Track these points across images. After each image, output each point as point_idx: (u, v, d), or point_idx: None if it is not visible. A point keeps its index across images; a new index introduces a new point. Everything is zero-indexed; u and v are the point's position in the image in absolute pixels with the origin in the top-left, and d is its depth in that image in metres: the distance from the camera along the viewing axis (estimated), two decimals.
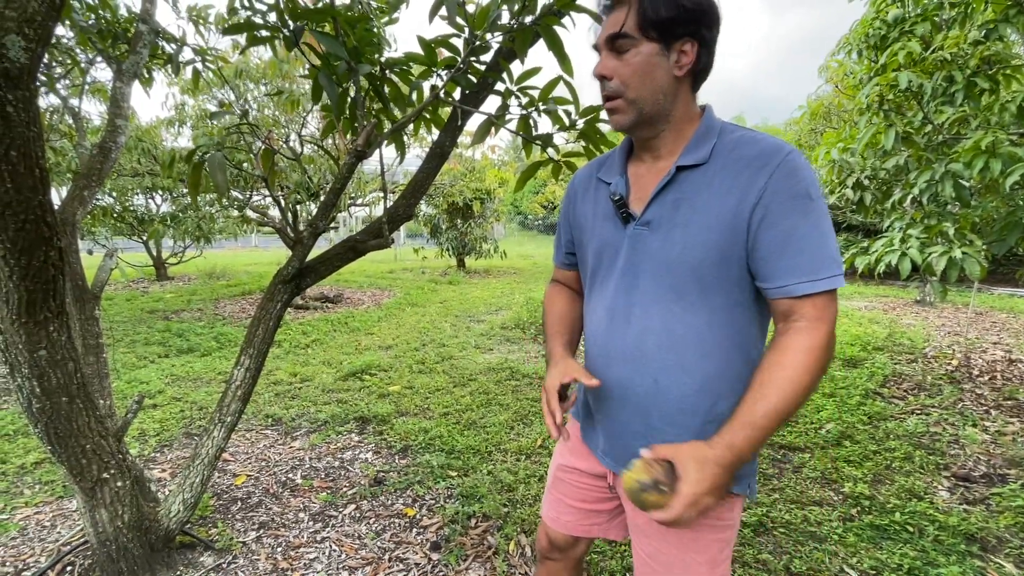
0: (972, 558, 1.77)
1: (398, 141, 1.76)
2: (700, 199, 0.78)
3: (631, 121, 0.82)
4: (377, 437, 2.77)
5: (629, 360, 0.85)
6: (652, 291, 0.82)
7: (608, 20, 0.81)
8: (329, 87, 1.34)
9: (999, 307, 6.92)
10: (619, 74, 0.80)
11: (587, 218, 0.94)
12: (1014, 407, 3.15)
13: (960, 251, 2.76)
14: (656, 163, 0.85)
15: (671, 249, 0.80)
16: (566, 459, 1.07)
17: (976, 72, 3.01)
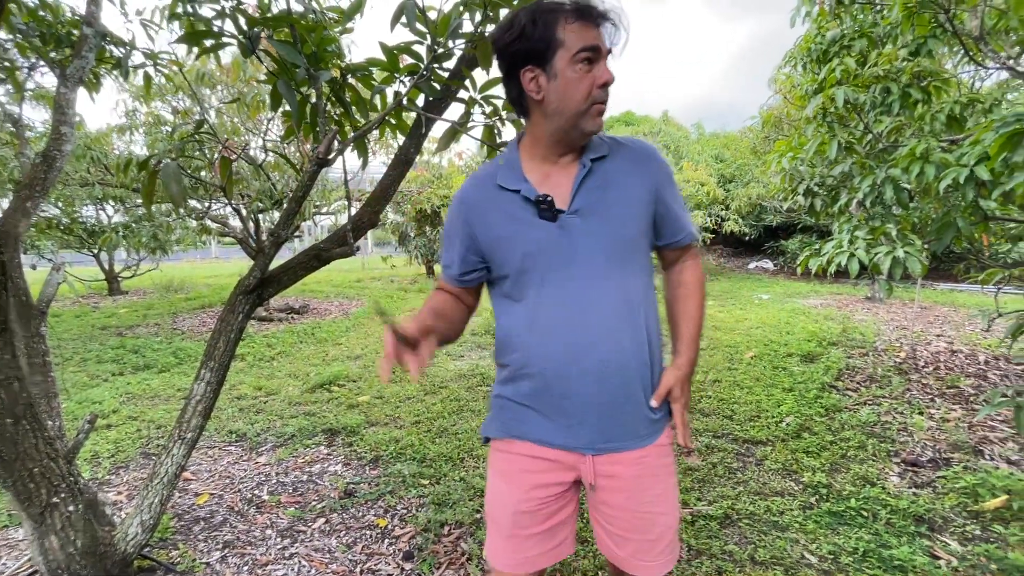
0: (921, 538, 1.87)
1: (361, 148, 1.76)
2: (620, 184, 0.94)
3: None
4: (347, 449, 2.72)
5: (603, 339, 0.91)
6: (602, 269, 0.91)
7: (602, 33, 0.87)
8: (288, 94, 1.33)
9: (941, 301, 7.36)
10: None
11: (503, 227, 0.92)
12: (956, 395, 3.35)
13: (903, 250, 2.94)
14: (569, 162, 0.94)
15: (610, 227, 0.92)
16: (530, 487, 0.97)
17: (909, 84, 3.22)
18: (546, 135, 0.91)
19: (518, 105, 0.93)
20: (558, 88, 0.85)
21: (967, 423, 2.88)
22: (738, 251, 14.02)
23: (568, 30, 0.83)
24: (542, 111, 0.88)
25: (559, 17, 0.83)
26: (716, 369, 3.98)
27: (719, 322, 5.87)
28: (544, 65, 0.84)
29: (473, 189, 0.98)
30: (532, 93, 0.86)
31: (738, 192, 10.98)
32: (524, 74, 0.86)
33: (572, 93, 0.85)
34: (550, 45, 0.83)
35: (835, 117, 3.59)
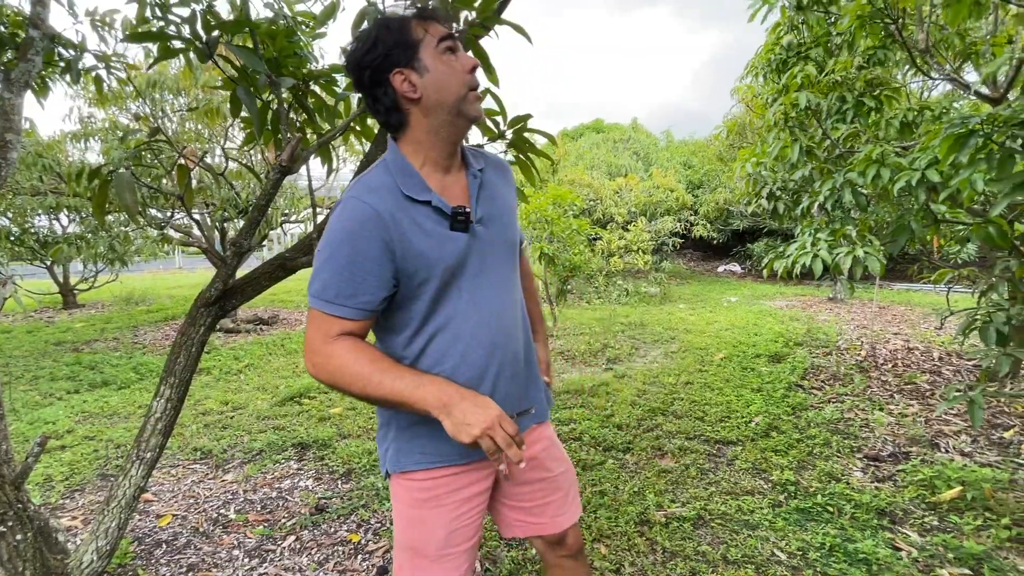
0: (883, 531, 1.94)
1: (325, 155, 1.73)
2: (500, 193, 1.00)
3: None
4: (318, 463, 2.65)
5: (513, 338, 1.00)
6: (503, 274, 0.99)
7: (445, 24, 0.91)
8: (248, 101, 1.30)
9: (898, 301, 7.68)
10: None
11: (423, 242, 0.87)
12: (913, 391, 3.49)
13: (862, 251, 3.05)
14: (458, 171, 0.97)
15: (505, 234, 0.99)
16: (460, 503, 0.98)
17: (863, 93, 3.37)
18: (431, 133, 0.89)
19: (392, 115, 0.89)
20: (433, 80, 0.86)
21: (924, 418, 3.00)
22: (707, 255, 14.35)
23: (420, 28, 0.87)
24: (422, 108, 0.87)
25: (408, 21, 0.87)
26: (688, 371, 4.05)
27: (690, 325, 5.98)
28: (412, 63, 0.86)
29: (382, 201, 0.86)
30: (408, 93, 0.86)
31: (706, 198, 11.26)
32: (395, 78, 0.86)
33: (448, 81, 0.87)
34: (411, 44, 0.86)
35: (796, 122, 3.72)
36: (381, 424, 1.02)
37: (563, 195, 5.46)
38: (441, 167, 0.93)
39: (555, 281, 5.81)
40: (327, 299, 0.85)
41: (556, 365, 4.42)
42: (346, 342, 0.87)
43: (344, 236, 0.84)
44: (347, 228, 0.84)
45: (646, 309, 7.32)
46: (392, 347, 0.95)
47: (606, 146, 13.04)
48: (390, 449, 0.99)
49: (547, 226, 5.40)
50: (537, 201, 5.46)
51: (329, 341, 0.86)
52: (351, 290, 0.85)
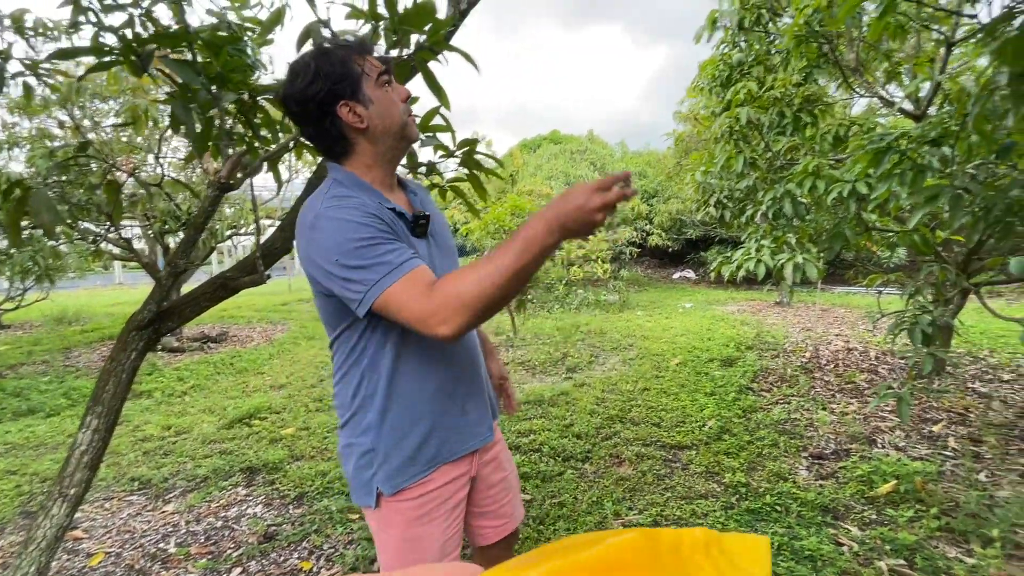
0: (827, 527, 2.03)
1: (273, 170, 1.68)
2: (432, 210, 1.05)
3: None
4: (268, 488, 2.54)
5: (474, 343, 1.08)
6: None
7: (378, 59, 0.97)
8: (186, 117, 1.24)
9: (839, 303, 8.12)
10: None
11: (404, 239, 0.92)
12: (852, 389, 3.69)
13: (801, 257, 3.22)
14: (398, 190, 1.03)
15: (447, 244, 1.07)
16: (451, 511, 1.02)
17: (800, 108, 3.57)
18: (378, 158, 0.96)
19: (337, 143, 0.93)
20: (378, 111, 0.92)
21: (862, 415, 3.17)
22: (663, 262, 14.77)
23: (359, 62, 0.91)
24: (369, 137, 0.93)
25: (348, 54, 0.91)
26: (645, 378, 4.14)
27: (647, 331, 6.12)
28: (357, 96, 0.90)
29: (371, 203, 0.88)
30: (355, 123, 0.91)
31: (660, 207, 11.61)
32: (341, 110, 0.89)
33: (391, 111, 0.93)
34: (355, 77, 0.89)
35: (740, 135, 3.91)
36: (362, 452, 0.97)
37: (521, 205, 5.51)
38: (386, 186, 0.99)
39: None
40: (395, 266, 0.81)
41: (516, 375, 4.42)
42: (438, 280, 0.82)
43: (354, 224, 0.83)
44: (342, 218, 0.83)
45: (606, 317, 7.44)
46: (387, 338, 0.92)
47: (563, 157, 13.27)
48: (378, 474, 0.96)
49: (506, 236, 5.42)
50: (496, 211, 5.48)
51: (431, 292, 0.80)
52: (402, 246, 0.85)
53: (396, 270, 0.81)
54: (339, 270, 0.83)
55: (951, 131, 2.35)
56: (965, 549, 1.87)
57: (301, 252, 0.90)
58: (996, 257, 2.91)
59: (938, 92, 3.49)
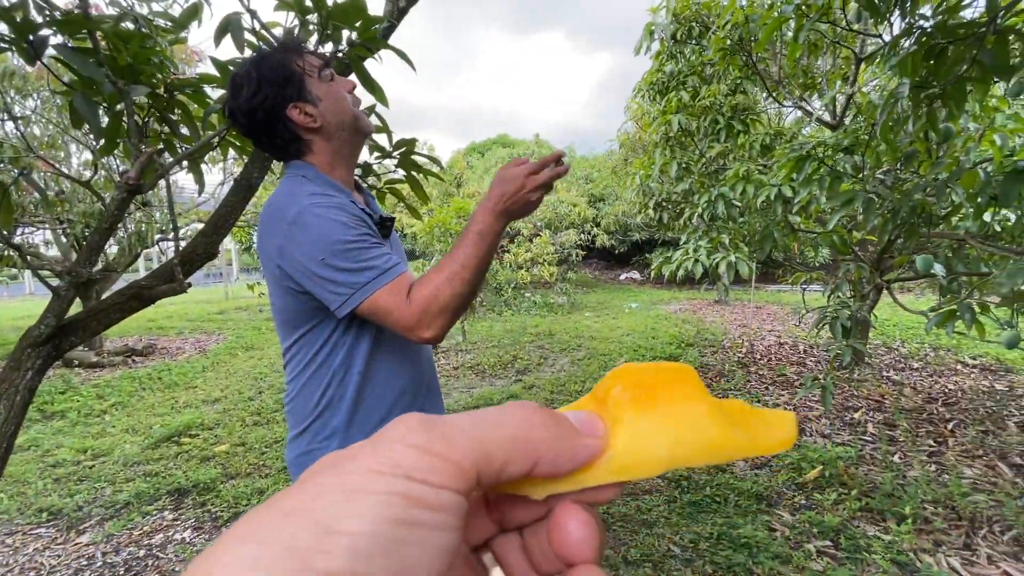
0: (761, 514, 2.13)
1: (195, 171, 1.57)
2: (379, 210, 1.03)
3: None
4: (198, 510, 2.37)
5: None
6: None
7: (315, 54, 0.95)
8: (88, 112, 1.14)
9: (771, 301, 8.62)
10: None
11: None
12: (784, 382, 3.91)
13: (734, 256, 3.39)
14: (357, 190, 1.00)
15: (399, 244, 1.05)
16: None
17: (731, 117, 3.76)
18: (335, 154, 0.93)
19: (291, 146, 0.91)
20: (329, 107, 0.90)
21: (792, 406, 3.37)
22: (610, 264, 15.17)
23: (300, 62, 0.89)
24: (324, 135, 0.91)
25: (286, 57, 0.89)
26: (593, 378, 4.21)
27: (595, 332, 6.24)
28: (304, 96, 0.88)
29: (347, 200, 0.87)
30: (309, 123, 0.89)
31: (606, 211, 11.92)
32: (291, 112, 0.88)
33: (341, 104, 0.91)
34: (297, 78, 0.88)
35: (676, 141, 4.07)
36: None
37: (467, 208, 5.48)
38: (350, 186, 0.98)
39: None
40: (383, 271, 0.81)
41: (465, 379, 4.38)
42: (411, 287, 0.83)
43: (341, 224, 0.81)
44: (329, 217, 0.81)
45: (555, 319, 7.54)
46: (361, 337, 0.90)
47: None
48: None
49: (451, 239, 5.38)
50: (441, 214, 5.43)
51: (407, 301, 0.81)
52: (381, 249, 0.84)
53: (384, 275, 0.81)
54: (323, 270, 0.80)
55: (862, 140, 2.55)
56: (883, 527, 2.02)
57: (273, 248, 0.84)
58: (904, 256, 3.18)
59: (851, 104, 3.78)
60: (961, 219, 2.82)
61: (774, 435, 0.22)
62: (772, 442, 0.22)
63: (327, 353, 0.90)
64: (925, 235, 2.72)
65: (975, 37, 1.73)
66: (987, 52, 1.73)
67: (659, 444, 0.20)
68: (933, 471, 2.41)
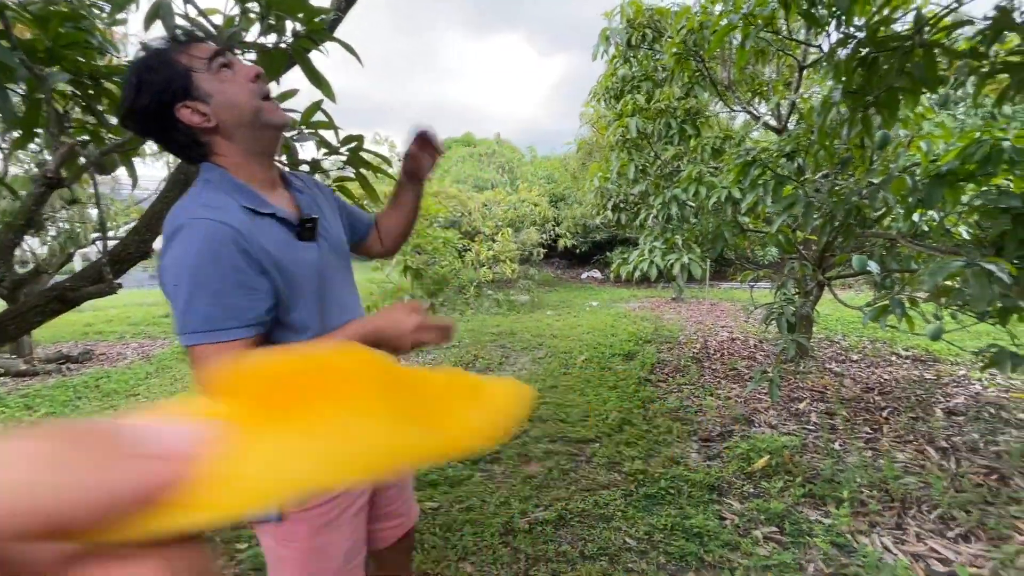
0: (713, 504, 2.20)
1: (127, 164, 1.48)
2: (322, 205, 1.00)
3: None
4: None
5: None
6: (348, 281, 1.03)
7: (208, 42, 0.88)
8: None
9: (725, 298, 8.94)
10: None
11: (283, 255, 0.84)
12: (735, 376, 4.06)
13: (687, 257, 3.49)
14: (282, 188, 0.95)
15: (339, 242, 1.01)
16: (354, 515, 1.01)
17: (684, 120, 3.87)
18: (242, 153, 0.86)
19: (193, 148, 0.84)
20: (222, 102, 0.82)
21: (743, 398, 3.50)
22: (571, 263, 15.35)
23: (184, 56, 0.81)
24: (224, 134, 0.84)
25: (167, 53, 0.81)
26: (553, 375, 4.25)
27: (556, 330, 6.30)
28: (191, 94, 0.80)
29: (230, 216, 0.79)
30: (203, 123, 0.81)
31: (567, 211, 12.07)
32: (181, 113, 0.80)
33: (237, 97, 0.82)
34: (182, 75, 0.80)
35: (632, 144, 4.16)
36: None
37: (427, 207, 5.42)
38: (266, 183, 0.91)
39: (422, 295, 5.72)
40: (218, 327, 0.76)
41: None
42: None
43: (206, 258, 0.76)
44: (205, 249, 0.76)
45: (517, 317, 7.56)
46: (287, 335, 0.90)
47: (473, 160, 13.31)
48: None
49: (412, 238, 5.31)
50: None
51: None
52: (235, 306, 0.77)
53: (223, 330, 0.76)
54: (174, 291, 0.76)
55: (803, 145, 2.68)
56: (824, 511, 2.12)
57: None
58: (843, 255, 3.37)
59: (794, 110, 3.97)
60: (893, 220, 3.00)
61: (475, 426, 0.19)
62: (470, 437, 0.18)
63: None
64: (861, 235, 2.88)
65: (903, 49, 1.85)
66: (917, 65, 1.85)
67: (280, 471, 0.15)
68: (869, 456, 2.55)
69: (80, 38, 1.33)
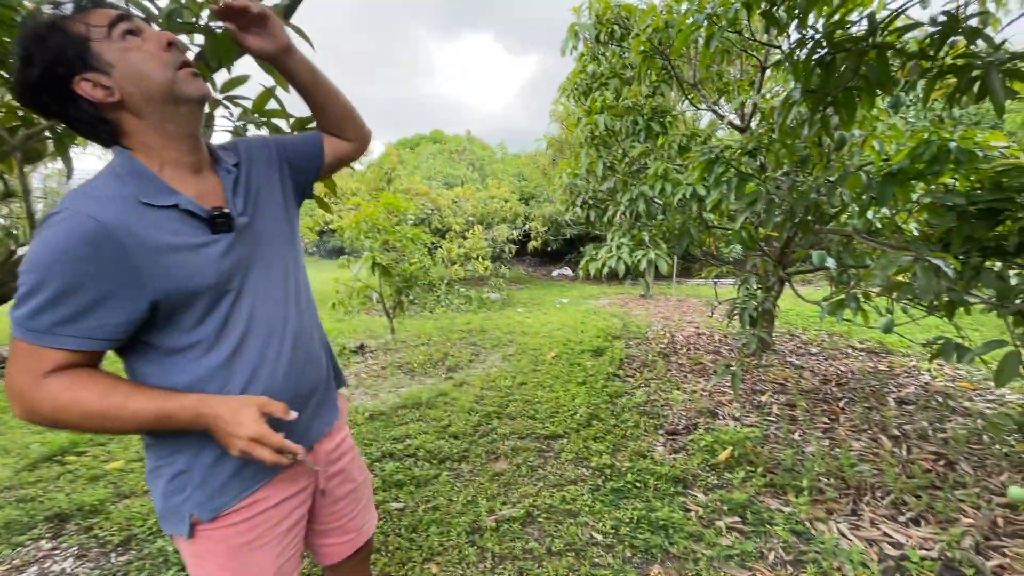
0: (678, 496, 2.23)
1: (61, 152, 1.39)
2: (263, 179, 0.93)
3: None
4: (83, 536, 2.12)
5: (305, 334, 0.95)
6: (283, 271, 0.92)
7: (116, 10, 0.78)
8: None
9: (692, 294, 9.14)
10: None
11: (175, 251, 0.76)
12: (701, 370, 4.14)
13: (654, 253, 3.54)
14: (209, 169, 0.87)
15: (275, 226, 0.92)
16: (286, 533, 0.93)
17: (651, 118, 3.91)
18: (157, 131, 0.78)
19: (100, 127, 0.77)
20: (126, 72, 0.74)
21: (708, 392, 3.57)
22: (543, 261, 15.41)
23: (79, 24, 0.73)
24: (132, 110, 0.76)
25: (60, 20, 0.73)
26: (523, 372, 4.24)
27: (527, 327, 6.30)
28: (89, 64, 0.73)
29: (108, 211, 0.71)
30: (105, 98, 0.74)
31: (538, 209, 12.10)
32: (81, 87, 0.73)
33: (143, 67, 0.74)
34: (77, 44, 0.72)
35: (600, 141, 4.18)
36: (173, 475, 0.83)
37: (396, 203, 5.33)
38: (187, 167, 0.83)
39: (391, 292, 5.63)
40: (38, 329, 0.70)
41: (394, 379, 4.26)
42: (64, 378, 0.73)
43: (59, 255, 0.69)
44: (63, 245, 0.69)
45: (487, 315, 7.53)
46: (166, 375, 0.81)
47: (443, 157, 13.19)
48: (192, 497, 0.83)
49: (380, 235, 5.20)
50: (369, 210, 5.24)
51: (40, 381, 0.72)
52: (71, 314, 0.70)
53: (43, 333, 0.70)
54: (23, 277, 0.69)
55: (765, 144, 2.73)
56: (784, 500, 2.18)
57: None
58: (801, 250, 3.47)
59: (756, 110, 4.06)
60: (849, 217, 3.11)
61: None
62: None
63: (150, 373, 0.82)
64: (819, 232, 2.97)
65: (859, 51, 1.90)
66: (871, 66, 1.90)
67: None
68: (827, 446, 2.64)
69: (6, 16, 1.23)
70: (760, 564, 1.79)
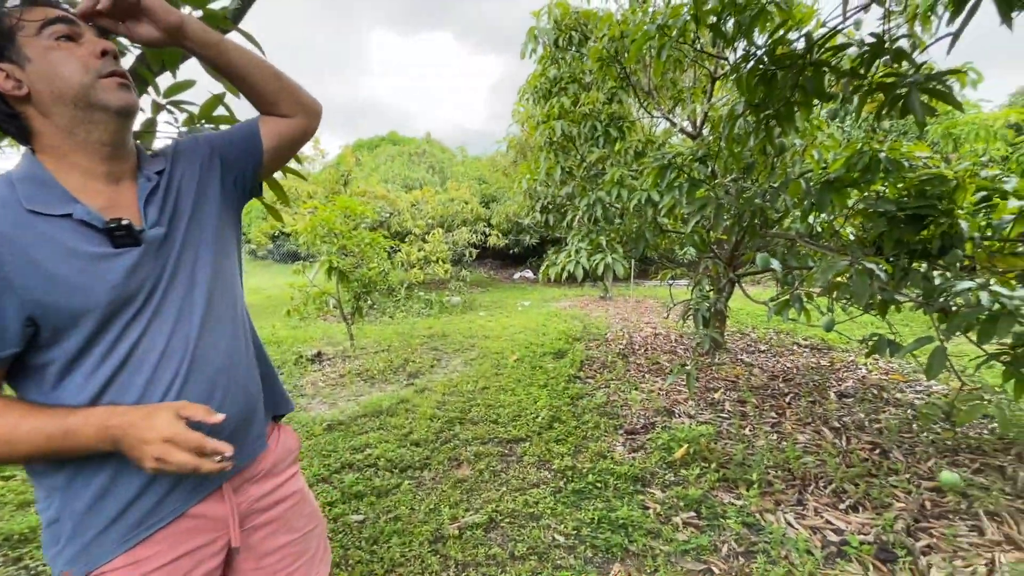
0: (637, 495, 2.29)
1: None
2: (190, 188, 0.86)
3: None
4: (12, 567, 1.96)
5: (227, 357, 0.85)
6: (204, 288, 0.83)
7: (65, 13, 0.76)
8: None
9: (650, 295, 9.39)
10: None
11: (62, 263, 0.71)
12: (658, 370, 4.26)
13: (611, 257, 3.62)
14: (131, 178, 0.81)
15: (200, 236, 0.85)
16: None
17: (609, 124, 4.01)
18: (65, 134, 0.74)
19: (8, 122, 0.74)
20: (41, 69, 0.72)
21: (664, 391, 3.68)
22: (505, 263, 15.46)
23: (12, 17, 0.72)
24: (38, 106, 0.73)
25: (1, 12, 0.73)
26: (485, 376, 4.24)
27: (489, 331, 6.30)
28: (9, 56, 0.71)
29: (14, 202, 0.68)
30: (13, 90, 0.71)
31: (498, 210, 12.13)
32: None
33: (61, 69, 0.72)
34: (5, 33, 0.71)
35: (559, 146, 4.24)
36: (48, 523, 0.76)
37: (352, 207, 5.22)
38: (101, 176, 0.77)
39: (349, 298, 5.51)
40: None
41: (353, 387, 4.17)
42: None
43: None
44: None
45: (449, 319, 7.48)
46: (56, 403, 0.73)
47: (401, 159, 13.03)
48: (64, 552, 0.75)
49: (337, 240, 5.09)
50: (325, 214, 5.11)
51: None
52: None
53: None
54: None
55: (714, 151, 2.85)
56: (736, 494, 2.27)
57: None
58: (749, 253, 3.64)
59: (707, 118, 4.23)
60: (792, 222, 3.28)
61: None
62: None
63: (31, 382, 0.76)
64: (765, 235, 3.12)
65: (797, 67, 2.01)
66: (808, 80, 2.02)
67: None
68: (775, 439, 2.77)
69: None
70: (714, 557, 1.86)
